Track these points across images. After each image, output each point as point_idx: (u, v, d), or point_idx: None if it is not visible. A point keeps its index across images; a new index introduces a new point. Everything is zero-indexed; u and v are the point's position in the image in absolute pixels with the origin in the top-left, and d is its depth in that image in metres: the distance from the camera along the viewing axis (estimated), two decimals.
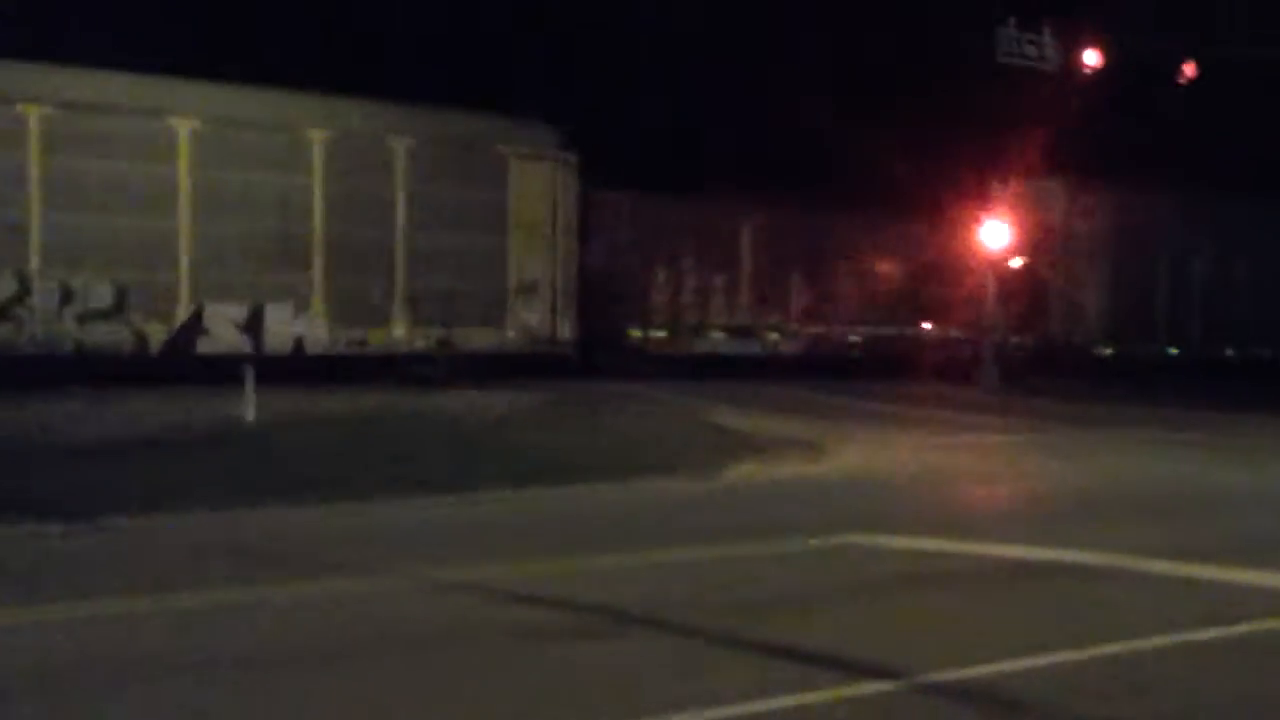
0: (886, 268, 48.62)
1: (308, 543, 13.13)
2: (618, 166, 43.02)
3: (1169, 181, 49.49)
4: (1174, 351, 51.39)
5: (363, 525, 14.43)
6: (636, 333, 43.68)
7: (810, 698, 7.40)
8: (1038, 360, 47.92)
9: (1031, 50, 40.13)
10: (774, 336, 46.05)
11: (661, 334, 44.04)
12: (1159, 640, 8.78)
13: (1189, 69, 41.06)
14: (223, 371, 27.69)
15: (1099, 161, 49.65)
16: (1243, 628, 9.18)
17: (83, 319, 32.11)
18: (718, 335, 45.10)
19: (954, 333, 48.94)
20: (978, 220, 45.52)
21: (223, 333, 33.82)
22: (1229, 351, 52.25)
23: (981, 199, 45.82)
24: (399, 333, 36.39)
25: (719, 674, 7.93)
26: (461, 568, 11.54)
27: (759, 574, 11.59)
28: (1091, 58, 40.25)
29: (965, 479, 20.00)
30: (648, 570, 11.71)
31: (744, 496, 17.45)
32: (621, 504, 16.53)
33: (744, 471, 19.47)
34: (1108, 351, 50.78)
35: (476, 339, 37.30)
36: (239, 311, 34.15)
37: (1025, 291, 48.78)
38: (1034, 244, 47.82)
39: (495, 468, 17.95)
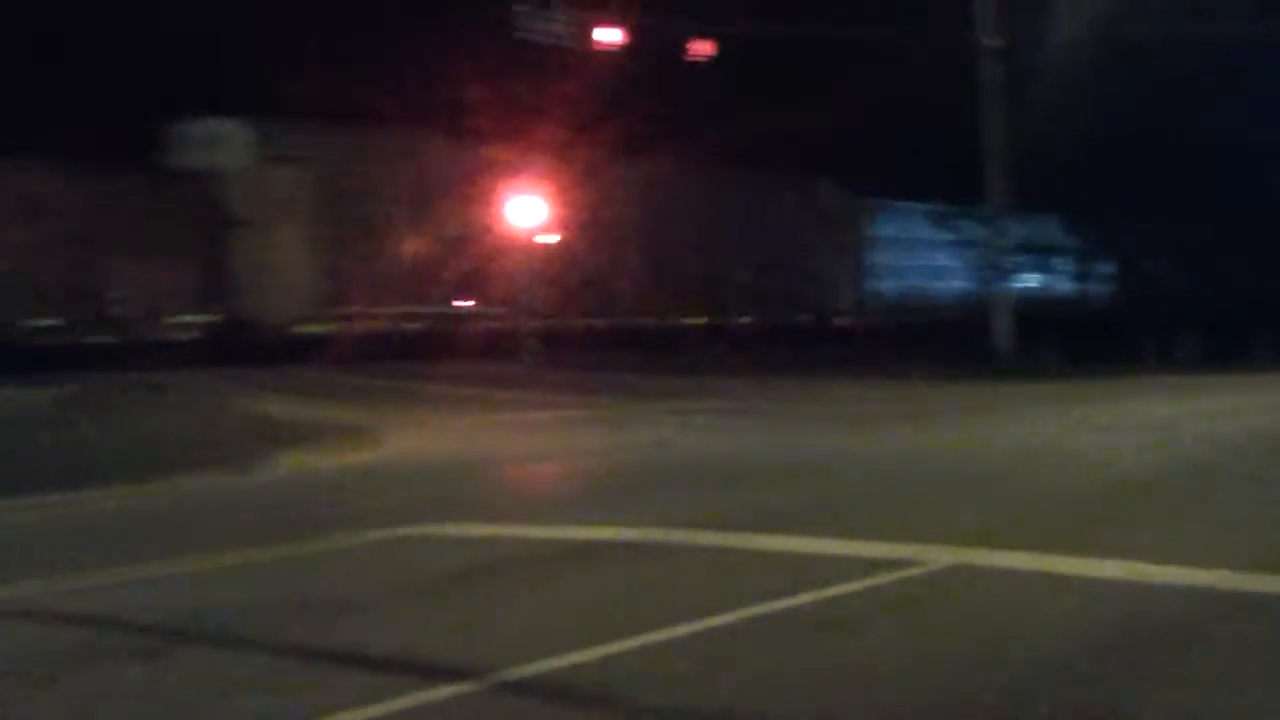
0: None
1: None
2: None
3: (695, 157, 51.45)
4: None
5: None
6: None
7: (391, 707, 7.02)
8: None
9: (550, 26, 40.43)
10: None
11: None
12: (728, 617, 8.80)
13: (702, 47, 42.47)
14: None
15: (625, 138, 50.74)
16: (809, 596, 9.30)
17: None
18: None
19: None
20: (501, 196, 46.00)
21: None
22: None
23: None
24: None
25: (288, 690, 7.44)
26: None
27: (318, 575, 11.11)
28: (609, 35, 40.92)
29: (519, 459, 19.97)
30: (197, 578, 11.06)
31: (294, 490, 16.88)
32: (161, 505, 15.71)
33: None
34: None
35: None
36: None
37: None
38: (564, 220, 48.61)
39: None
